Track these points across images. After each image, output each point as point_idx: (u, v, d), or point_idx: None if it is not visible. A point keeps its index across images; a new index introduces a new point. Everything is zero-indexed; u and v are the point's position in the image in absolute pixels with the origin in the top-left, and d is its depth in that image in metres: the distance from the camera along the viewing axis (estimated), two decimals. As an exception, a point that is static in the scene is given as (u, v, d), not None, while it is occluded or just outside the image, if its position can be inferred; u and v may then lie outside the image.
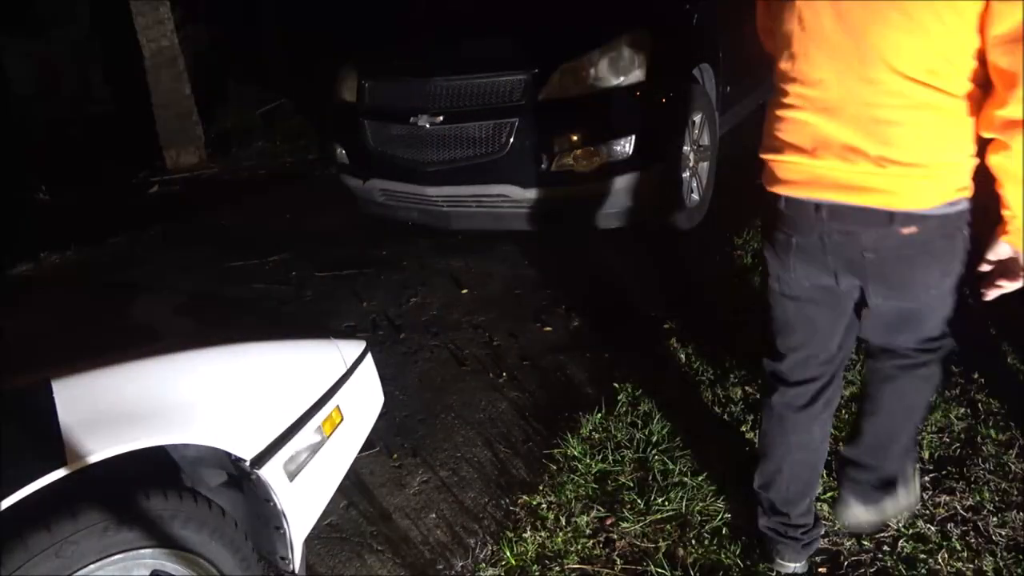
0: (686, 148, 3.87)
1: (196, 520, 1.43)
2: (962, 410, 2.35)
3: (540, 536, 2.05)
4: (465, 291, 3.63)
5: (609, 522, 2.08)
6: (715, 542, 1.97)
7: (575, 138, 3.50)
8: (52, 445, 1.21)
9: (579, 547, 2.00)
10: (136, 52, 6.61)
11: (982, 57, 1.32)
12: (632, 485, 2.20)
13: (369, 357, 1.93)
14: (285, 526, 1.59)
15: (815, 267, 1.55)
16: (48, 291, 2.09)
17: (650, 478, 2.22)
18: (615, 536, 2.04)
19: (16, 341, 1.47)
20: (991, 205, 1.41)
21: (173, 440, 1.38)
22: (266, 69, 8.52)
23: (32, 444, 1.21)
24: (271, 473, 1.53)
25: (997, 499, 2.01)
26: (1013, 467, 2.11)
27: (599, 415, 2.51)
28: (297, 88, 7.97)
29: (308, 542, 1.88)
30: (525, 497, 2.22)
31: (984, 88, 1.36)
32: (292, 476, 1.59)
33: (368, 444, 2.16)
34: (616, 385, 2.68)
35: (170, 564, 1.41)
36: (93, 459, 1.23)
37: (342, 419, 1.77)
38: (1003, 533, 1.90)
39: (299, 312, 3.60)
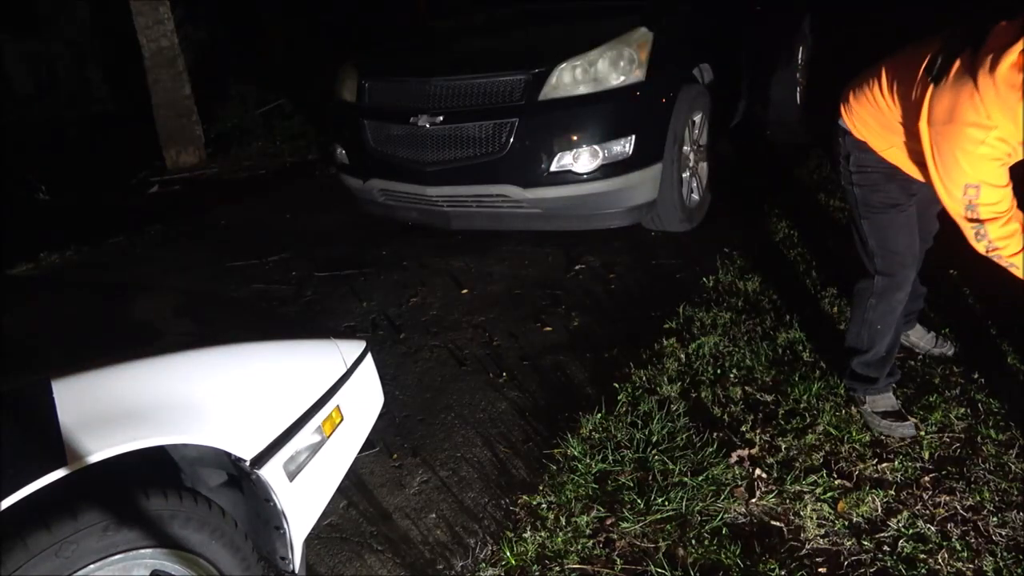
0: (686, 148, 3.88)
1: (196, 520, 1.43)
2: (962, 410, 2.35)
3: (540, 536, 2.05)
4: (465, 291, 3.63)
5: (609, 522, 2.08)
6: (715, 542, 1.97)
7: (575, 138, 3.50)
8: (52, 445, 1.20)
9: (579, 547, 2.00)
10: (136, 52, 6.61)
11: None
12: (632, 485, 2.20)
13: (369, 357, 1.93)
14: (285, 526, 1.59)
15: None
16: (48, 291, 2.09)
17: (650, 478, 2.22)
18: (615, 536, 2.04)
19: (16, 341, 1.47)
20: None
21: (173, 440, 1.37)
22: (266, 69, 8.52)
23: (32, 444, 1.21)
24: (271, 473, 1.53)
25: (997, 499, 2.01)
26: (1013, 467, 2.11)
27: (599, 415, 2.51)
28: (297, 88, 7.97)
29: (308, 542, 1.88)
30: (525, 497, 2.22)
31: None
32: (292, 476, 1.59)
33: (368, 444, 2.17)
34: (616, 385, 2.68)
35: (170, 564, 1.40)
36: (93, 459, 1.23)
37: (342, 419, 1.77)
38: (1003, 533, 1.90)
39: (299, 312, 3.60)
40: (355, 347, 1.88)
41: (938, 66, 1.80)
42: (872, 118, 2.10)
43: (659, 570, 1.89)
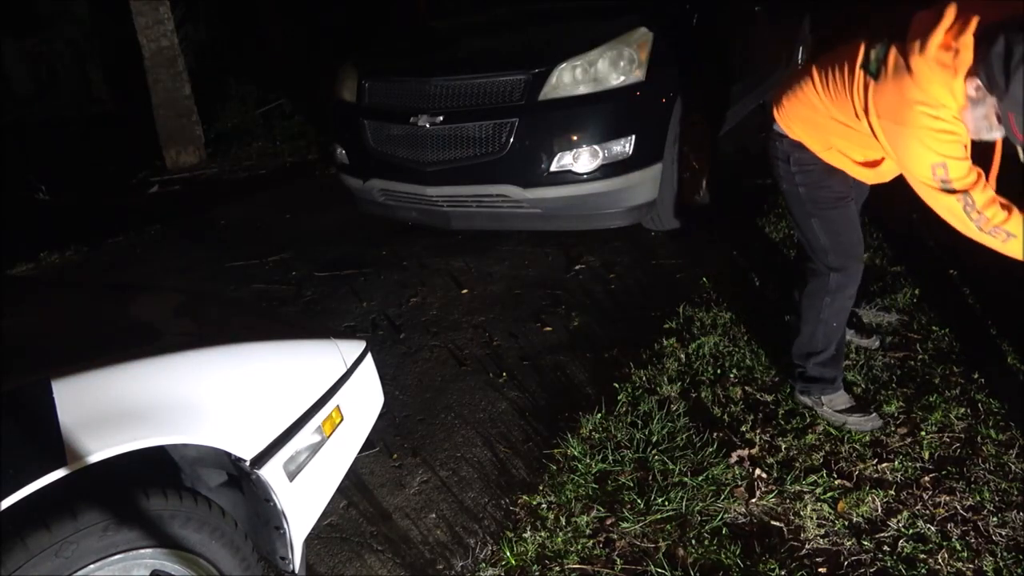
0: (686, 148, 3.87)
1: (196, 520, 1.43)
2: (962, 410, 2.35)
3: (540, 536, 2.05)
4: (465, 291, 3.63)
5: (609, 522, 2.08)
6: (715, 542, 1.97)
7: (575, 138, 3.50)
8: (52, 445, 1.21)
9: (579, 547, 2.00)
10: (136, 52, 6.62)
11: None
12: (632, 485, 2.20)
13: (369, 357, 1.93)
14: (285, 526, 1.59)
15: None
16: (48, 291, 2.09)
17: (650, 478, 2.22)
18: (615, 536, 2.04)
19: (16, 341, 1.47)
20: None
21: (173, 440, 1.37)
22: (266, 69, 8.53)
23: (32, 444, 1.21)
24: (271, 473, 1.53)
25: (997, 499, 2.01)
26: (1013, 467, 2.11)
27: (599, 415, 2.51)
28: (297, 88, 7.98)
29: (308, 542, 1.88)
30: (525, 497, 2.22)
31: None
32: (292, 476, 1.59)
33: (368, 444, 2.17)
34: (616, 385, 2.68)
35: (170, 564, 1.41)
36: (93, 459, 1.23)
37: (342, 419, 1.77)
38: (1003, 533, 1.90)
39: (299, 312, 3.60)
40: (355, 347, 1.88)
41: (874, 59, 1.87)
42: (807, 119, 2.14)
43: (659, 570, 1.89)
